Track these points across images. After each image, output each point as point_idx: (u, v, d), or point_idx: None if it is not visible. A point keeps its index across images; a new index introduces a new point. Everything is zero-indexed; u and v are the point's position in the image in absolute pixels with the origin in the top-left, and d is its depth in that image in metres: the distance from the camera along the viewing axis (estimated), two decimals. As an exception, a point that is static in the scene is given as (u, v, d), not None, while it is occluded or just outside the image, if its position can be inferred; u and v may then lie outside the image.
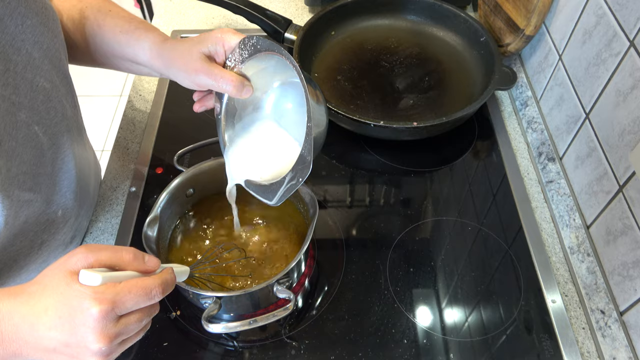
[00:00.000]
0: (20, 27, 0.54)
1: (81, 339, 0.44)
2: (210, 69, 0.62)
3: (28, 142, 0.57)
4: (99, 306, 0.43)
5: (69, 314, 0.44)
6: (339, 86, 0.96)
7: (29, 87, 0.56)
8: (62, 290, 0.44)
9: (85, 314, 0.43)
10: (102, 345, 0.44)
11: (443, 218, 0.81)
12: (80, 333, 0.44)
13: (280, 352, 0.67)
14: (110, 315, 0.44)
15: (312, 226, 0.65)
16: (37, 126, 0.58)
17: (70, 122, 0.66)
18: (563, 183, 0.80)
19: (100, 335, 0.44)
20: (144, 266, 0.49)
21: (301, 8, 1.18)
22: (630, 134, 0.63)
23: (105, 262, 0.46)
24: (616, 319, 0.65)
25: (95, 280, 0.44)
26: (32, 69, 0.56)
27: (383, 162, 0.89)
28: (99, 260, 0.46)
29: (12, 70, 0.54)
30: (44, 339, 0.45)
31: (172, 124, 0.94)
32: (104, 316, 0.43)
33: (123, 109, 1.08)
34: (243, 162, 0.68)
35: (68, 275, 0.44)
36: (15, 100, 0.54)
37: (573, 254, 0.75)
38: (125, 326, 0.46)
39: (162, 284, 0.48)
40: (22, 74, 0.55)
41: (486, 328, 0.69)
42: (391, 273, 0.74)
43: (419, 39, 1.05)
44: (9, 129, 0.53)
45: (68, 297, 0.44)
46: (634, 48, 0.63)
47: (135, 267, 0.48)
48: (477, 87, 0.94)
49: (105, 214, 0.81)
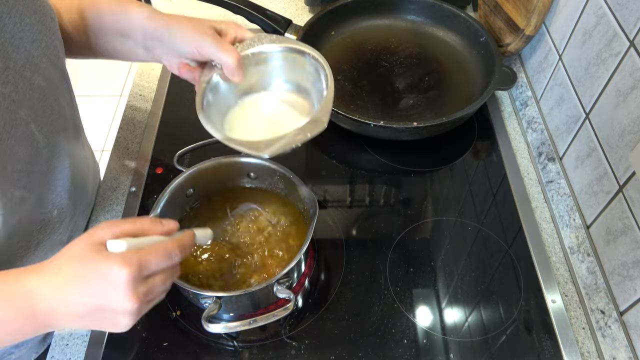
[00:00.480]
0: (19, 25, 0.54)
1: (114, 301, 0.47)
2: (219, 38, 0.63)
3: (25, 140, 0.57)
4: (127, 268, 0.46)
5: (100, 279, 0.47)
6: (339, 86, 0.96)
7: (28, 85, 0.56)
8: (90, 259, 0.47)
9: (116, 277, 0.46)
10: (134, 302, 0.47)
11: (443, 218, 0.81)
12: (113, 295, 0.47)
13: (280, 352, 0.67)
14: (138, 276, 0.47)
15: (312, 226, 0.65)
16: (33, 124, 0.58)
17: (66, 120, 0.66)
18: (563, 183, 0.80)
19: (131, 294, 0.47)
20: (163, 228, 0.53)
21: (301, 8, 1.18)
22: (630, 134, 0.63)
23: (127, 232, 0.50)
24: (616, 319, 0.65)
25: (121, 247, 0.48)
26: (30, 66, 0.57)
27: (383, 162, 0.89)
28: (122, 231, 0.49)
29: (12, 68, 0.54)
30: (76, 306, 0.48)
31: (172, 124, 0.94)
32: (133, 277, 0.47)
33: (123, 109, 1.08)
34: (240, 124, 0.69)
35: (94, 246, 0.48)
36: (15, 99, 0.54)
37: (573, 254, 0.75)
38: (153, 285, 0.49)
39: (180, 246, 0.52)
40: (21, 71, 0.55)
41: (486, 328, 0.69)
42: (391, 273, 0.74)
43: (419, 39, 1.05)
44: (7, 127, 0.54)
45: (97, 264, 0.47)
46: (634, 48, 0.63)
47: (155, 231, 0.52)
48: (477, 87, 0.94)
49: (105, 214, 0.82)
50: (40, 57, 0.58)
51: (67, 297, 0.47)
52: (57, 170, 0.64)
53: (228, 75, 0.65)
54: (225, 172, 0.75)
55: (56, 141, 0.63)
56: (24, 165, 0.58)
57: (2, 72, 0.53)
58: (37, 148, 0.60)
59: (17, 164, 0.56)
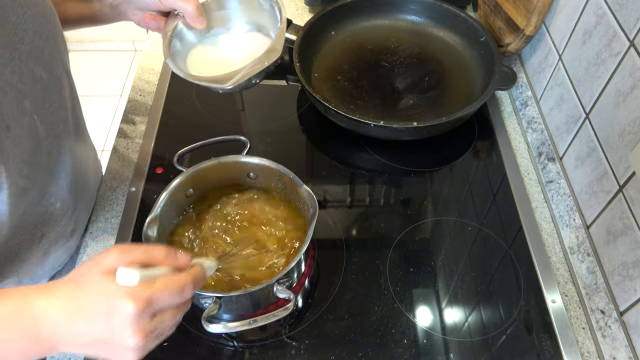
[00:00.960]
0: (22, 17, 0.56)
1: (118, 336, 0.46)
2: None
3: (30, 130, 0.58)
4: (134, 304, 0.45)
5: (106, 313, 0.45)
6: (339, 86, 0.96)
7: (31, 76, 0.58)
8: (99, 289, 0.46)
9: (122, 312, 0.45)
10: (139, 340, 0.46)
11: (443, 218, 0.81)
12: (118, 330, 0.46)
13: (280, 352, 0.67)
14: (146, 313, 0.46)
15: (312, 226, 0.65)
16: (36, 115, 0.59)
17: (67, 113, 0.67)
18: (563, 183, 0.80)
19: (136, 331, 0.45)
20: (177, 262, 0.50)
21: (301, 8, 1.18)
22: (630, 134, 0.63)
23: (139, 261, 0.48)
24: (616, 319, 0.65)
25: (132, 280, 0.46)
26: (33, 58, 0.58)
27: (383, 162, 0.89)
28: (133, 260, 0.47)
29: (17, 59, 0.55)
30: (81, 336, 0.47)
31: (172, 124, 0.93)
32: (140, 314, 0.45)
33: (123, 109, 1.08)
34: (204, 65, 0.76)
35: (104, 275, 0.46)
36: (21, 88, 0.56)
37: (573, 254, 0.75)
38: (160, 322, 0.48)
39: (193, 281, 0.50)
40: (26, 62, 0.57)
41: (486, 328, 0.69)
42: (391, 273, 0.74)
43: (419, 39, 1.05)
44: (15, 116, 0.55)
45: (105, 296, 0.45)
46: (634, 48, 0.63)
47: (168, 263, 0.50)
48: (477, 87, 0.94)
49: (105, 214, 0.82)
50: (43, 48, 0.60)
51: (73, 326, 0.46)
52: (58, 163, 0.65)
53: (190, 23, 0.71)
54: (225, 172, 0.75)
55: (56, 133, 0.64)
56: (28, 156, 0.59)
57: (9, 62, 0.54)
58: (39, 139, 0.61)
59: (23, 153, 0.57)
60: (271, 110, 0.99)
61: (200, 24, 0.71)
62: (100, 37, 2.59)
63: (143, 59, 1.06)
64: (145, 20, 0.73)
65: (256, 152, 0.87)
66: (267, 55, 0.70)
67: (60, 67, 0.65)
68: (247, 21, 0.81)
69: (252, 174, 0.76)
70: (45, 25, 0.60)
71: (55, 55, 0.63)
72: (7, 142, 0.53)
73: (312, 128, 0.94)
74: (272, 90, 1.02)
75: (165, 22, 0.74)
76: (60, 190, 0.66)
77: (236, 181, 0.77)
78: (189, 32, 0.77)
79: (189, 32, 0.77)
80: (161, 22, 0.74)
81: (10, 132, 0.54)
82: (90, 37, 2.59)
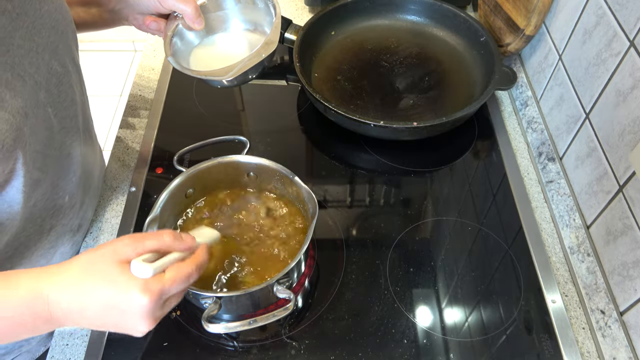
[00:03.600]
0: (39, 12, 0.58)
1: (130, 322, 0.49)
2: None
3: (44, 122, 0.60)
4: (149, 297, 0.47)
5: (119, 302, 0.48)
6: (339, 86, 0.96)
7: (47, 69, 0.60)
8: (112, 279, 0.48)
9: (135, 304, 0.47)
10: (149, 326, 0.50)
11: (443, 218, 0.81)
12: (130, 318, 0.49)
13: (280, 352, 0.67)
14: (157, 303, 0.49)
15: (312, 226, 0.66)
16: (50, 108, 0.61)
17: (77, 109, 0.68)
18: (563, 183, 0.80)
19: (148, 319, 0.49)
20: (184, 245, 0.54)
21: (301, 8, 1.18)
22: (630, 134, 0.63)
23: (151, 249, 0.51)
24: (616, 319, 0.65)
25: (146, 273, 0.48)
26: (49, 51, 0.60)
27: (383, 162, 0.89)
28: (146, 249, 0.50)
29: (35, 51, 0.57)
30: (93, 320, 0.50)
31: (172, 124, 0.94)
32: (152, 305, 0.48)
33: (123, 109, 1.08)
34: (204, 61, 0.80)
35: (119, 265, 0.48)
36: (37, 80, 0.58)
37: (573, 254, 0.75)
38: (168, 307, 0.52)
39: (197, 267, 0.53)
40: (42, 55, 0.59)
41: (486, 328, 0.69)
42: (391, 273, 0.74)
43: (419, 39, 1.05)
44: (32, 106, 0.56)
45: (119, 287, 0.48)
46: (634, 48, 0.63)
47: (176, 247, 0.53)
48: (477, 87, 0.94)
49: (105, 213, 0.82)
50: (57, 43, 0.62)
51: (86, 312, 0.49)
52: (68, 157, 0.67)
53: (189, 24, 0.74)
54: (225, 172, 0.75)
55: (68, 127, 0.66)
56: (41, 147, 0.60)
57: (28, 53, 0.56)
58: (52, 132, 0.62)
59: (37, 144, 0.59)
60: (271, 110, 0.99)
61: (199, 25, 0.74)
62: (100, 37, 2.59)
63: (143, 59, 1.06)
64: (146, 23, 0.75)
65: (256, 152, 0.87)
66: (264, 47, 0.74)
67: (73, 62, 0.67)
68: (243, 20, 0.85)
69: (252, 174, 0.76)
70: (61, 21, 0.62)
71: (68, 50, 0.65)
72: (25, 129, 0.55)
73: (312, 128, 0.94)
74: (272, 90, 1.02)
75: (165, 23, 0.77)
76: (69, 184, 0.68)
77: (236, 181, 0.77)
78: (189, 33, 0.80)
79: (188, 32, 0.80)
80: (161, 24, 0.76)
81: (28, 120, 0.55)
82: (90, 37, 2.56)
